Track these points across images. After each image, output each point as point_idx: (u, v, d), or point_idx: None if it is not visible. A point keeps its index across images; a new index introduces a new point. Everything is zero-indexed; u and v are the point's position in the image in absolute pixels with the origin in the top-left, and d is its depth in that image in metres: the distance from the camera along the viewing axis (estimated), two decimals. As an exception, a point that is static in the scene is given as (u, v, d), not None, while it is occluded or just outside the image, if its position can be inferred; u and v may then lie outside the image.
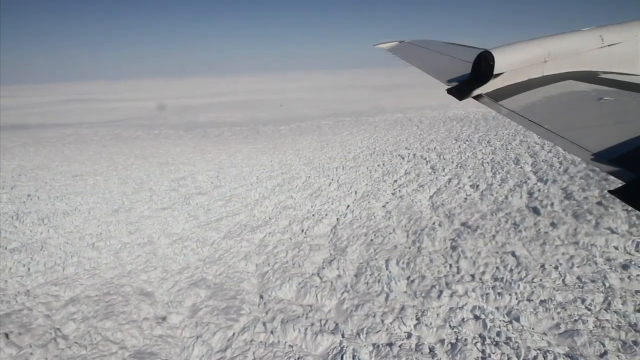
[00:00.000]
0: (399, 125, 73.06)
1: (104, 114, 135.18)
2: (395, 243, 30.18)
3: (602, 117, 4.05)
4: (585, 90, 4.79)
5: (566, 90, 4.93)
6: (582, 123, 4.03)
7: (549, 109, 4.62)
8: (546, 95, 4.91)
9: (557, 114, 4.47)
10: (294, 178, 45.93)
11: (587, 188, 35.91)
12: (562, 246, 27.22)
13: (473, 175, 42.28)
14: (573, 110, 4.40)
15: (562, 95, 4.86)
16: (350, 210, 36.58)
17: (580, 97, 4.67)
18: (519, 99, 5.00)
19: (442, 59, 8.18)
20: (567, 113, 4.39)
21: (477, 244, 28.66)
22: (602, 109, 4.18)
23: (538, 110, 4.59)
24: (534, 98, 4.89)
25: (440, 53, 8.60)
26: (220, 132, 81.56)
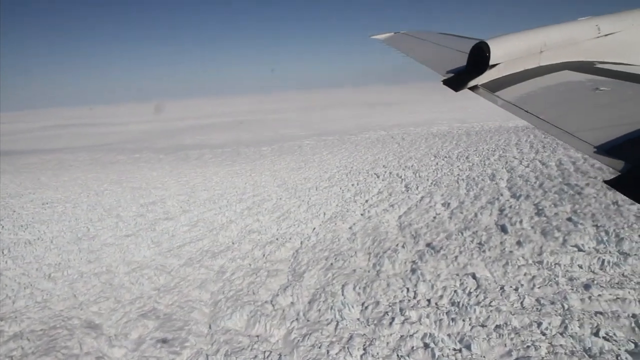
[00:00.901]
0: (381, 143, 72.50)
1: (92, 139, 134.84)
2: (355, 267, 29.27)
3: (598, 108, 4.02)
4: (581, 81, 4.77)
5: (562, 81, 4.94)
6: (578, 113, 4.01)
7: (545, 99, 4.62)
8: (542, 86, 4.91)
9: (553, 104, 4.45)
10: (265, 200, 45.14)
11: (559, 203, 35.15)
12: (525, 266, 26.33)
13: (446, 192, 41.50)
14: (569, 100, 4.40)
15: (558, 85, 4.88)
16: (316, 233, 35.72)
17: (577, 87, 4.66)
18: (515, 89, 4.95)
19: (437, 50, 8.14)
20: (563, 103, 4.39)
21: (439, 266, 27.75)
22: (598, 99, 4.16)
23: (534, 100, 4.57)
24: (530, 88, 4.88)
25: (435, 44, 8.55)
26: (201, 154, 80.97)
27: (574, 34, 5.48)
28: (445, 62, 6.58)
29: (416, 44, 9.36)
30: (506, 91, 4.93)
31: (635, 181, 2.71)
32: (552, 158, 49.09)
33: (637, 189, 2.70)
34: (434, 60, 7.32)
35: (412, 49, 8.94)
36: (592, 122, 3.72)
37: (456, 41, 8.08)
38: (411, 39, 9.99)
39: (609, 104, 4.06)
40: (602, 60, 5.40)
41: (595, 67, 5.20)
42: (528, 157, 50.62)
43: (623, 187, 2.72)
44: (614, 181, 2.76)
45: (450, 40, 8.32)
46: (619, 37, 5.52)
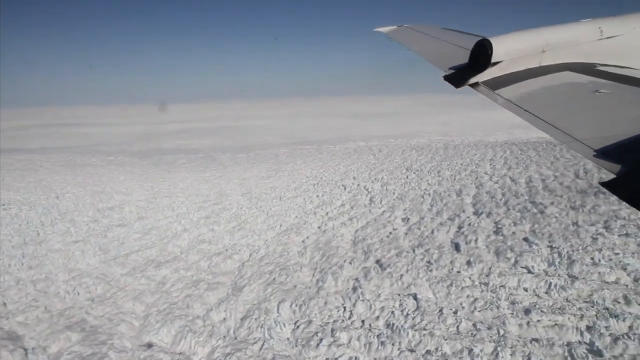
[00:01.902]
0: (357, 154, 71.77)
1: (72, 139, 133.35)
2: (298, 282, 28.35)
3: (597, 110, 4.05)
4: (581, 82, 4.79)
5: (563, 81, 4.95)
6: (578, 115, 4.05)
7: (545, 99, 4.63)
8: (543, 86, 4.92)
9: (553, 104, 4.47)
10: (225, 209, 44.21)
11: (519, 222, 34.52)
12: (469, 288, 25.52)
13: (409, 207, 40.75)
14: (569, 101, 4.44)
15: (559, 86, 4.90)
16: (267, 245, 34.81)
17: (577, 88, 4.69)
18: (516, 88, 4.98)
19: (439, 45, 8.11)
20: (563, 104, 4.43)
21: (383, 285, 26.89)
22: (598, 102, 4.18)
23: (534, 100, 4.59)
24: (531, 88, 4.89)
25: (438, 39, 8.53)
26: (176, 159, 79.95)
27: (576, 35, 5.49)
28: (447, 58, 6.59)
29: (419, 38, 9.34)
30: (507, 89, 4.97)
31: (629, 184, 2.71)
32: (523, 174, 48.58)
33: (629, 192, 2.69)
34: (436, 55, 7.33)
35: (414, 43, 8.92)
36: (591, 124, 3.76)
37: (459, 37, 8.06)
38: (414, 32, 9.95)
39: (608, 106, 4.06)
40: (603, 62, 5.40)
41: (596, 69, 5.23)
42: (499, 173, 50.07)
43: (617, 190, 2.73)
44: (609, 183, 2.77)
45: (453, 36, 8.31)
46: (621, 40, 5.50)
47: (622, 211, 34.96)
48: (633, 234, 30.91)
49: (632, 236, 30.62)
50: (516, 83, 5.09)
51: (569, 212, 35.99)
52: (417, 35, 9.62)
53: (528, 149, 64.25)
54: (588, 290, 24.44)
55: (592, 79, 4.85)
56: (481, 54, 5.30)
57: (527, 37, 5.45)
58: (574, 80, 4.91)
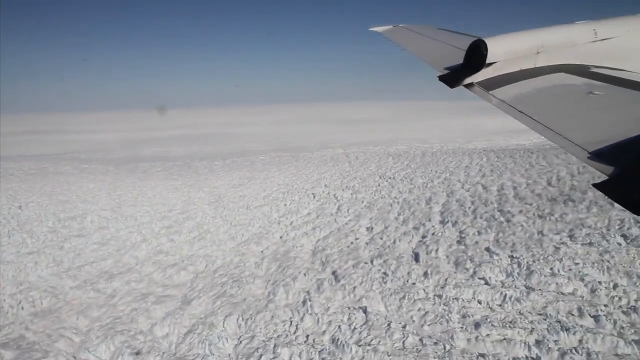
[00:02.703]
0: (334, 161, 71.17)
1: (50, 147, 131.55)
2: (249, 295, 27.59)
3: (590, 111, 4.08)
4: (575, 84, 4.82)
5: (557, 83, 4.96)
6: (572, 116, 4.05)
7: (539, 100, 4.63)
8: (537, 87, 4.92)
9: (547, 105, 4.47)
10: (188, 219, 43.37)
11: (484, 231, 34.02)
12: (422, 300, 24.89)
13: (376, 216, 40.14)
14: (563, 102, 4.46)
15: (553, 87, 4.90)
16: (224, 256, 34.05)
17: (571, 90, 4.72)
18: (510, 89, 4.97)
19: (435, 45, 8.14)
20: (557, 105, 4.45)
21: (335, 297, 26.21)
22: (592, 103, 4.21)
23: (528, 101, 4.58)
24: (525, 89, 4.89)
25: (433, 39, 8.58)
26: (151, 167, 78.88)
27: (571, 37, 5.52)
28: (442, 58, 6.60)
29: (414, 38, 9.37)
30: (501, 90, 4.95)
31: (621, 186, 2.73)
32: (495, 182, 48.18)
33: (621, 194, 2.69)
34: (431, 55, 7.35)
35: (410, 43, 8.94)
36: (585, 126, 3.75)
37: (454, 37, 8.07)
38: (410, 32, 10.01)
39: (602, 108, 4.10)
40: (597, 64, 5.41)
41: (590, 71, 5.24)
42: (472, 181, 49.62)
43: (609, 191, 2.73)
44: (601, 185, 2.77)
45: (449, 37, 8.31)
46: (615, 42, 5.52)
47: (589, 219, 34.61)
48: (596, 242, 30.48)
49: (595, 245, 30.19)
50: (510, 84, 5.10)
51: (535, 221, 35.53)
52: (413, 35, 9.68)
53: (505, 155, 63.94)
54: (543, 302, 23.90)
55: (586, 80, 4.88)
56: (476, 55, 5.29)
57: (522, 38, 5.47)
58: (568, 82, 4.95)
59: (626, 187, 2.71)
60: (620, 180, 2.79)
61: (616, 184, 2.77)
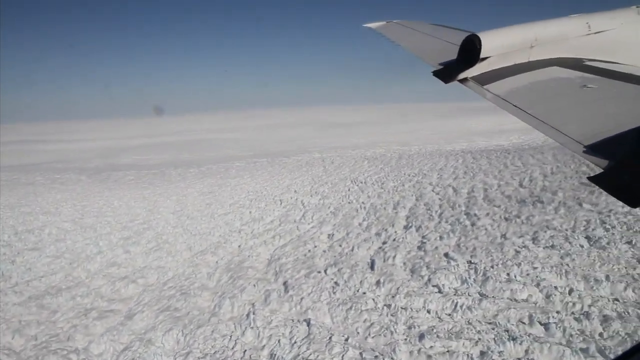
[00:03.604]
0: (308, 166, 70.26)
1: (28, 157, 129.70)
2: (194, 308, 26.61)
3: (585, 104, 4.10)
4: (569, 77, 4.84)
5: (551, 76, 4.99)
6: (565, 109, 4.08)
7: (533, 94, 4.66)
8: (531, 81, 4.95)
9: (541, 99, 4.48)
10: (149, 229, 42.33)
11: (446, 236, 33.29)
12: (369, 311, 24.03)
13: (339, 222, 39.29)
14: (557, 96, 4.49)
15: (547, 81, 4.92)
16: (178, 267, 33.03)
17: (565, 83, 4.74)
18: (504, 83, 4.98)
19: (429, 41, 8.02)
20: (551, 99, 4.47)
21: (281, 309, 25.30)
22: (586, 96, 4.23)
23: (522, 95, 4.61)
24: (519, 83, 4.92)
25: (427, 34, 8.47)
26: (124, 175, 77.73)
27: (564, 31, 5.53)
28: (436, 53, 6.57)
29: (408, 33, 9.29)
30: (495, 85, 4.97)
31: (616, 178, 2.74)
32: (467, 184, 47.53)
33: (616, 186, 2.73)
34: (425, 51, 7.29)
35: (403, 39, 8.87)
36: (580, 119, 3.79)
37: (448, 33, 8.04)
38: (403, 28, 9.92)
39: (596, 101, 4.12)
40: (591, 57, 5.44)
41: (584, 64, 5.27)
42: (444, 183, 48.94)
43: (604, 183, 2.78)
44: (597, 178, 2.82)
45: (442, 32, 8.29)
46: (609, 35, 5.54)
47: (555, 221, 33.98)
48: (559, 245, 29.80)
49: (557, 248, 29.51)
50: (505, 78, 5.11)
51: (500, 224, 34.85)
52: (406, 30, 9.61)
53: (482, 157, 63.39)
54: (495, 310, 23.11)
55: (580, 74, 4.90)
56: (470, 50, 5.29)
57: (516, 33, 5.45)
58: (562, 75, 4.96)
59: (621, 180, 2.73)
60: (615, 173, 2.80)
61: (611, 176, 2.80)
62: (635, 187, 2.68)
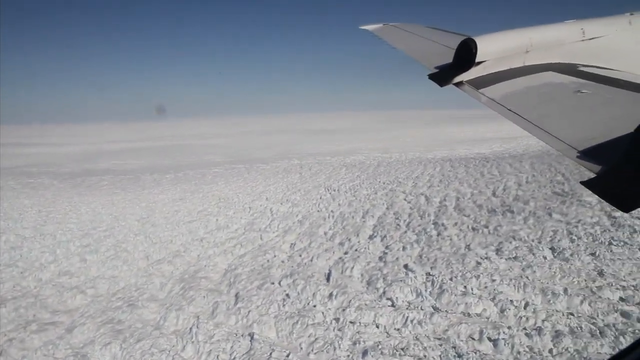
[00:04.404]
0: (285, 172, 69.55)
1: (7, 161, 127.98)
2: (138, 320, 25.74)
3: (579, 109, 4.15)
4: (564, 82, 4.89)
5: (546, 81, 5.04)
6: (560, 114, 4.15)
7: (528, 98, 4.71)
8: (526, 85, 5.00)
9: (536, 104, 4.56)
10: (110, 236, 41.38)
11: (409, 246, 32.72)
12: (316, 325, 23.32)
13: (305, 231, 38.60)
14: (551, 101, 4.54)
15: (542, 86, 4.97)
16: (131, 277, 32.12)
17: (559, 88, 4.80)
18: (500, 87, 5.04)
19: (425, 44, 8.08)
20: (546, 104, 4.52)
21: (227, 322, 24.55)
22: (580, 102, 4.28)
23: (517, 99, 4.67)
24: (514, 87, 4.97)
25: (423, 37, 8.54)
26: (99, 180, 76.55)
27: (559, 36, 5.59)
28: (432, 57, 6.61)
29: (404, 36, 9.34)
30: (491, 89, 5.01)
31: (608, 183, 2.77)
32: (440, 193, 47.07)
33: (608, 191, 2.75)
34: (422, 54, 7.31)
35: (400, 41, 8.90)
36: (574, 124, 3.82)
37: (444, 36, 8.07)
38: (400, 31, 9.92)
39: (590, 107, 4.17)
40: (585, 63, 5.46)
41: (578, 69, 5.30)
42: (417, 192, 48.44)
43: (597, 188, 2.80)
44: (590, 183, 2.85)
45: (438, 35, 8.34)
46: (603, 41, 5.63)
47: (523, 231, 33.55)
48: (521, 257, 29.31)
49: (520, 259, 29.01)
50: (500, 82, 5.13)
51: (467, 234, 34.33)
52: (403, 33, 9.66)
53: (460, 165, 63.05)
54: (445, 325, 22.47)
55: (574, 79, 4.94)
56: (466, 53, 5.32)
57: (512, 37, 5.51)
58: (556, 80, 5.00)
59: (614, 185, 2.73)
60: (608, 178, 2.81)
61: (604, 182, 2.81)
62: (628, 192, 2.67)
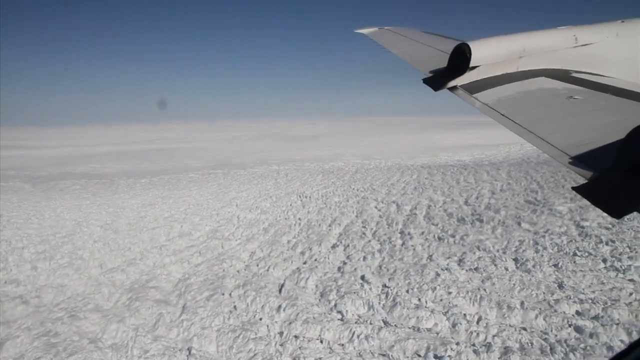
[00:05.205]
0: (261, 178, 68.65)
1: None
2: (76, 333, 24.69)
3: (571, 115, 4.19)
4: (556, 88, 4.95)
5: (538, 87, 5.08)
6: (552, 119, 4.18)
7: (521, 104, 4.74)
8: (519, 91, 5.05)
9: (528, 109, 4.58)
10: (67, 243, 40.24)
11: (371, 256, 32.13)
12: (256, 340, 22.52)
13: (268, 239, 37.75)
14: (544, 106, 4.59)
15: (535, 91, 5.02)
16: (81, 285, 31.04)
17: (552, 94, 4.84)
18: (493, 92, 5.08)
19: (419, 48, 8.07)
20: (538, 109, 4.57)
21: (168, 335, 23.63)
22: (572, 107, 4.33)
23: (510, 104, 4.71)
24: (507, 92, 5.01)
25: (418, 42, 8.53)
26: (72, 184, 75.19)
27: (552, 42, 5.66)
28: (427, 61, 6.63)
29: (399, 40, 9.35)
30: (484, 94, 5.04)
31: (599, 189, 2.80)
32: (412, 201, 46.43)
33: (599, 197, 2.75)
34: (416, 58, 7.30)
35: (395, 45, 8.90)
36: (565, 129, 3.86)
37: (439, 41, 8.12)
38: (395, 35, 10.01)
39: (582, 112, 4.20)
40: (577, 69, 5.52)
41: (570, 75, 5.36)
42: (389, 199, 47.78)
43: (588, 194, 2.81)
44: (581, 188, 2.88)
45: (433, 40, 8.37)
46: (595, 48, 5.69)
47: (489, 241, 32.99)
48: (483, 268, 28.68)
49: (481, 271, 28.39)
50: (493, 87, 5.15)
51: (432, 244, 33.66)
52: (398, 37, 9.69)
53: (438, 172, 62.53)
54: (393, 340, 21.68)
55: (567, 85, 4.98)
56: (460, 58, 5.35)
57: (505, 43, 5.55)
58: (549, 86, 5.02)
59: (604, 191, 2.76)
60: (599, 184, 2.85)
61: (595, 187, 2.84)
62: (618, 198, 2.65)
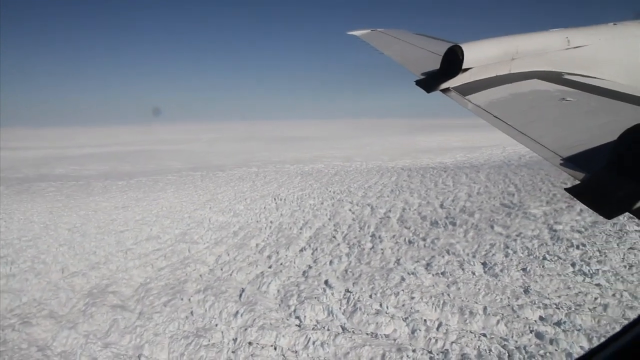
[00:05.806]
0: (239, 180, 68.08)
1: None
2: (25, 340, 24.08)
3: (563, 117, 4.22)
4: (549, 90, 4.96)
5: (531, 89, 5.09)
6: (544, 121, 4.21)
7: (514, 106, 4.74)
8: (512, 93, 5.06)
9: (521, 111, 4.60)
10: (32, 247, 39.49)
11: (338, 260, 31.96)
12: (209, 346, 22.21)
13: (236, 243, 37.32)
14: (536, 108, 4.60)
15: (527, 93, 5.02)
16: (38, 291, 30.36)
17: (544, 96, 4.85)
18: (486, 94, 5.07)
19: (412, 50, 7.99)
20: (531, 111, 4.57)
21: (120, 342, 23.11)
22: (564, 109, 4.34)
23: (503, 106, 4.72)
24: (500, 94, 5.02)
25: (411, 44, 8.42)
26: (47, 186, 74.35)
27: (544, 44, 5.66)
28: (420, 63, 6.64)
29: (392, 42, 9.30)
30: (477, 95, 5.05)
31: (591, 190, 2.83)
32: (388, 203, 46.20)
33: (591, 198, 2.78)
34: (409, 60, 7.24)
35: (388, 47, 8.87)
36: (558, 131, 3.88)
37: (431, 43, 8.12)
38: (387, 37, 9.92)
39: (574, 114, 4.22)
40: (569, 71, 5.55)
41: (563, 77, 5.40)
42: (364, 202, 47.50)
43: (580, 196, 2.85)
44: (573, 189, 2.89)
45: (426, 42, 8.37)
46: (587, 50, 5.70)
47: (459, 245, 32.78)
48: (450, 272, 28.43)
49: (447, 275, 28.12)
50: (486, 89, 5.15)
51: (401, 247, 33.37)
52: (390, 39, 9.62)
53: (417, 174, 62.37)
54: (348, 347, 21.31)
55: (559, 87, 5.00)
56: (452, 60, 5.35)
57: (498, 45, 5.54)
58: (541, 88, 5.03)
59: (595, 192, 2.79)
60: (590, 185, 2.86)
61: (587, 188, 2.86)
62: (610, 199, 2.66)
